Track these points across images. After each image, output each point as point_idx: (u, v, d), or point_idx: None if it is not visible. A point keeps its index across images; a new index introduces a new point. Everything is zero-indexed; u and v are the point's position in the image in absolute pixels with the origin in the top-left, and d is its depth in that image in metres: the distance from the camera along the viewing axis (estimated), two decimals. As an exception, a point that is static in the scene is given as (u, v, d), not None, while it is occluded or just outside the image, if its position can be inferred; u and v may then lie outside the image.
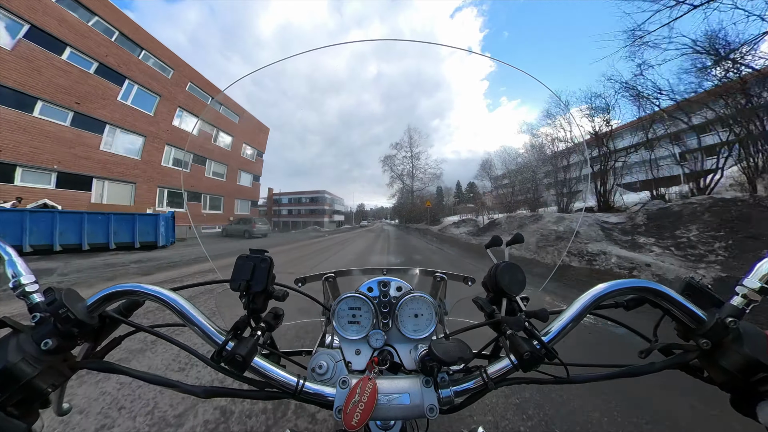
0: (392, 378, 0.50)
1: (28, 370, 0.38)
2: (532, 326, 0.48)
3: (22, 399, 0.38)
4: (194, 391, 0.45)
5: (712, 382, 0.45)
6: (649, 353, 0.49)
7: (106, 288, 0.47)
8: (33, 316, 0.41)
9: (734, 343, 0.42)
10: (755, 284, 0.42)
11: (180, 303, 0.48)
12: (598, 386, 2.11)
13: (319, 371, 0.54)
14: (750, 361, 0.40)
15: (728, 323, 0.42)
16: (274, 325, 0.55)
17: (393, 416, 0.46)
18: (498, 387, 0.48)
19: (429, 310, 0.65)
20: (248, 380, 0.48)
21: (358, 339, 0.63)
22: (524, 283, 0.54)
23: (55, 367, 0.41)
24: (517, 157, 20.82)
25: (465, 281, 0.86)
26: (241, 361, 0.44)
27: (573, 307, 0.48)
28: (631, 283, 0.48)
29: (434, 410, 0.44)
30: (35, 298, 0.43)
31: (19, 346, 0.38)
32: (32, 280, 0.44)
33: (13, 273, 0.43)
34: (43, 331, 0.40)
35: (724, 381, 0.43)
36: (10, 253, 0.44)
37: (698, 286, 0.49)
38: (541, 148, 19.60)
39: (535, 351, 0.44)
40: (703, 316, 0.45)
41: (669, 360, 0.47)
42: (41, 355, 0.39)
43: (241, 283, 0.49)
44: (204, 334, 0.47)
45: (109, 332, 0.50)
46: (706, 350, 0.43)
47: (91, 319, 0.44)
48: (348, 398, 0.44)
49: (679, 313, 0.46)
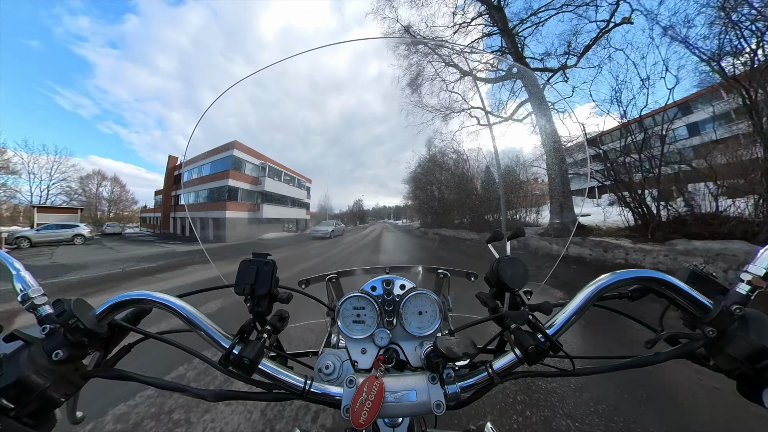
0: (398, 376, 0.50)
1: (41, 381, 0.38)
2: (536, 320, 0.48)
3: (36, 409, 0.39)
4: (204, 395, 0.46)
5: (718, 370, 0.45)
6: (655, 343, 0.49)
7: (114, 297, 0.47)
8: (43, 328, 0.42)
9: (740, 330, 0.42)
10: (760, 270, 0.42)
11: (186, 309, 0.48)
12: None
13: (325, 371, 0.55)
14: (756, 348, 0.40)
15: (734, 310, 0.42)
16: (279, 327, 0.56)
17: (400, 413, 0.47)
18: (504, 381, 0.48)
19: (433, 307, 0.65)
20: (256, 382, 0.49)
21: (364, 338, 0.64)
22: (526, 276, 0.54)
23: (67, 377, 0.42)
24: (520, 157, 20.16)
25: (468, 277, 0.86)
26: (249, 364, 0.44)
27: (576, 300, 0.48)
28: (634, 273, 0.47)
29: (441, 406, 0.45)
30: (44, 310, 0.44)
31: (31, 357, 0.39)
32: (40, 293, 0.45)
33: (22, 287, 0.44)
34: (54, 342, 0.41)
35: (731, 368, 0.43)
36: (18, 267, 0.45)
37: (702, 274, 0.48)
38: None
39: (540, 344, 0.44)
40: (709, 304, 0.44)
41: (675, 349, 0.47)
42: (53, 366, 0.40)
43: (245, 287, 0.49)
44: (211, 339, 0.48)
45: (119, 340, 0.51)
46: (712, 338, 0.43)
47: (100, 328, 0.45)
48: (355, 397, 0.45)
49: (684, 301, 0.46)
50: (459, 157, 19.35)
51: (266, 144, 14.57)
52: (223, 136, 17.06)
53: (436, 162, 21.68)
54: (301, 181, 12.05)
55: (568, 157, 11.20)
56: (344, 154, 13.17)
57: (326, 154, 12.83)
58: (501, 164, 16.70)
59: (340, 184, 21.67)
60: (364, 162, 14.52)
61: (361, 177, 12.36)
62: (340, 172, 16.42)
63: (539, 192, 17.12)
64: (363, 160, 14.34)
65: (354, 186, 20.32)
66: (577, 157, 11.37)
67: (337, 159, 13.68)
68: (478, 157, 19.19)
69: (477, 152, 18.81)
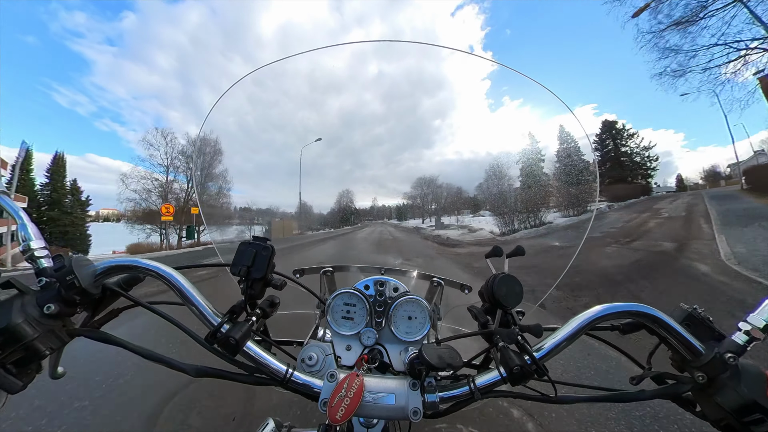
0: (380, 377, 0.50)
1: (30, 331, 0.39)
2: (525, 341, 0.48)
3: (20, 358, 0.39)
4: (186, 369, 0.46)
5: (704, 418, 0.44)
6: (641, 380, 0.48)
7: (109, 260, 0.48)
8: (39, 280, 0.43)
9: (731, 381, 0.41)
10: (760, 322, 0.41)
11: (180, 281, 0.49)
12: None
13: (308, 362, 0.55)
14: (746, 401, 0.39)
15: (727, 359, 0.41)
16: (269, 312, 0.56)
17: (377, 415, 0.46)
18: (484, 398, 0.48)
19: (423, 314, 0.65)
20: (239, 364, 0.49)
21: (350, 335, 0.64)
22: (521, 296, 0.53)
23: (54, 332, 0.42)
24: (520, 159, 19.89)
25: (462, 289, 0.85)
26: (234, 344, 0.44)
27: (568, 326, 0.48)
28: (628, 307, 0.47)
29: (418, 413, 0.45)
30: (43, 263, 0.44)
31: (23, 307, 0.40)
32: (41, 245, 0.45)
33: (24, 236, 0.44)
34: (47, 296, 0.41)
35: (718, 418, 0.42)
36: (23, 217, 0.46)
37: (700, 317, 0.48)
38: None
39: (526, 366, 0.44)
40: (702, 348, 0.44)
41: (661, 389, 0.46)
42: (43, 319, 0.40)
43: (242, 268, 0.50)
44: (201, 315, 0.48)
45: (108, 304, 0.51)
46: (701, 384, 0.42)
47: (94, 288, 0.45)
48: (334, 392, 0.44)
49: (676, 342, 0.45)
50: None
51: (265, 143, 14.50)
52: (222, 136, 17.16)
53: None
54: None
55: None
56: (343, 154, 12.66)
57: (325, 154, 12.40)
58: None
59: (341, 185, 20.88)
60: (364, 162, 13.67)
61: (360, 177, 11.63)
62: (340, 172, 15.75)
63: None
64: (363, 160, 13.53)
65: (353, 186, 19.57)
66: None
67: (336, 159, 13.07)
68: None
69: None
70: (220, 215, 20.16)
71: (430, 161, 25.05)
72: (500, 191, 19.58)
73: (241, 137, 16.34)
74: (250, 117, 19.43)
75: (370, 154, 22.76)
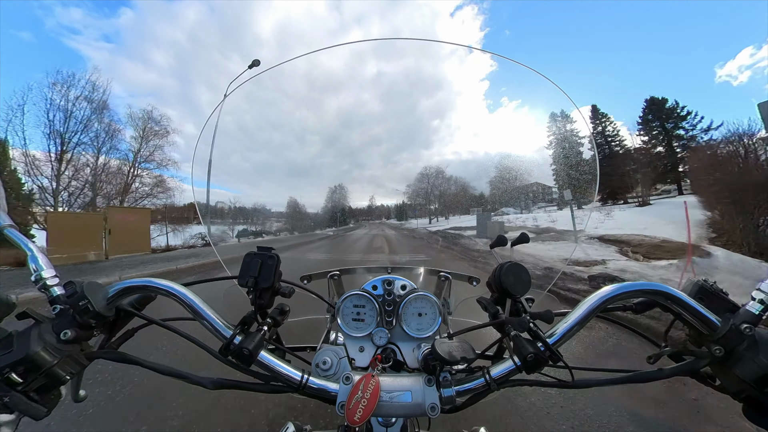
0: (395, 376, 0.50)
1: (49, 358, 0.40)
2: (537, 328, 0.48)
3: (42, 385, 0.40)
4: (203, 382, 0.46)
5: (724, 391, 0.44)
6: (658, 359, 0.48)
7: (121, 282, 0.48)
8: (53, 308, 0.44)
9: (749, 351, 0.40)
10: None
11: (190, 298, 0.50)
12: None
13: (323, 367, 0.55)
14: (766, 371, 0.39)
15: (743, 330, 0.41)
16: (279, 320, 0.56)
17: (395, 413, 0.47)
18: (501, 388, 0.48)
19: (433, 310, 0.65)
20: (254, 374, 0.50)
21: (362, 336, 0.64)
22: (529, 283, 0.53)
23: (73, 357, 0.43)
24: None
25: (470, 281, 0.85)
26: (248, 354, 0.45)
27: (579, 310, 0.47)
28: (640, 286, 0.46)
29: (435, 409, 0.45)
30: (55, 291, 0.45)
31: (41, 336, 0.41)
32: (53, 274, 0.46)
33: (35, 267, 0.45)
34: (63, 323, 0.42)
35: (737, 390, 0.41)
36: (32, 248, 0.47)
37: (711, 289, 0.47)
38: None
39: (539, 353, 0.44)
40: (717, 321, 0.43)
41: (679, 366, 0.46)
42: (61, 345, 0.41)
43: (249, 279, 0.50)
44: (213, 328, 0.49)
45: (123, 325, 0.52)
46: (718, 357, 0.42)
47: (108, 311, 0.46)
48: (351, 394, 0.45)
49: (690, 317, 0.44)
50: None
51: (264, 142, 14.33)
52: (220, 134, 16.98)
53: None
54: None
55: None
56: (342, 154, 12.24)
57: (323, 154, 12.03)
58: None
59: (335, 183, 20.50)
60: (362, 162, 13.34)
61: (359, 177, 11.08)
62: (338, 172, 15.41)
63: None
64: (361, 160, 13.23)
65: (351, 186, 19.19)
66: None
67: (335, 159, 12.70)
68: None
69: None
70: (214, 213, 19.01)
71: (429, 161, 24.95)
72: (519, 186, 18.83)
73: (239, 136, 16.39)
74: (248, 116, 19.38)
75: (368, 153, 22.74)
